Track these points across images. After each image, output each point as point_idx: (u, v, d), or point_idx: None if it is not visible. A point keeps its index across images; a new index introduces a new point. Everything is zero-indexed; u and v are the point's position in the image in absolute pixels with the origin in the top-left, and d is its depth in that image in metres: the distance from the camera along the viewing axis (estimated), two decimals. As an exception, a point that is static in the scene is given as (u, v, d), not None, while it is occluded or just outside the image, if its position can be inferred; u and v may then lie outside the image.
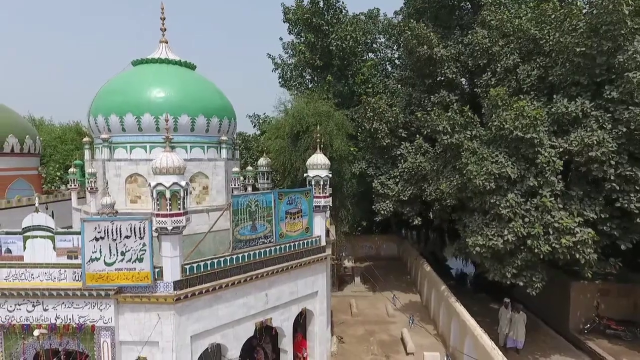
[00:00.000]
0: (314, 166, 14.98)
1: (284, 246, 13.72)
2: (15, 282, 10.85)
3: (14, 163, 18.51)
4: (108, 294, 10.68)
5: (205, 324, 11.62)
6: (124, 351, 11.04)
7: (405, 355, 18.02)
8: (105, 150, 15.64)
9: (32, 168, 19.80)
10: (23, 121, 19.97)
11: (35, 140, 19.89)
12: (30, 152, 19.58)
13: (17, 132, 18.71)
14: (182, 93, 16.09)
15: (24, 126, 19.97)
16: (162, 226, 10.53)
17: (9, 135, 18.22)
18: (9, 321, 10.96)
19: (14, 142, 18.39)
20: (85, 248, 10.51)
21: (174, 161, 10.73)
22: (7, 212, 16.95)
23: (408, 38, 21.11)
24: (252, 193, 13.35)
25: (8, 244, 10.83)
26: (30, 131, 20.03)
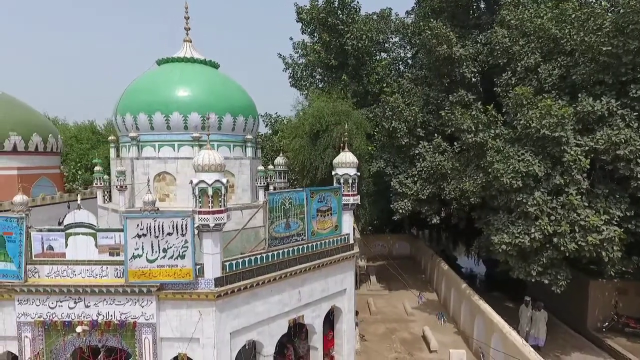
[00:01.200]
0: (342, 164, 15.06)
1: (316, 244, 13.80)
2: (57, 278, 10.89)
3: (38, 162, 18.55)
4: (150, 290, 10.74)
5: (243, 321, 11.69)
6: (164, 347, 11.10)
7: (428, 353, 18.12)
8: (133, 148, 15.70)
9: (55, 167, 19.86)
10: (46, 120, 20.04)
11: (57, 139, 19.95)
12: (53, 151, 19.64)
13: (41, 131, 18.77)
14: (209, 92, 16.17)
15: (47, 125, 20.04)
16: (205, 223, 10.60)
17: (34, 134, 18.26)
18: (50, 318, 11.01)
19: (38, 140, 18.44)
20: (127, 245, 10.58)
21: (215, 159, 10.80)
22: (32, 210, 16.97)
23: (428, 37, 21.19)
24: (287, 191, 13.40)
25: (50, 241, 10.87)
26: (53, 130, 20.09)
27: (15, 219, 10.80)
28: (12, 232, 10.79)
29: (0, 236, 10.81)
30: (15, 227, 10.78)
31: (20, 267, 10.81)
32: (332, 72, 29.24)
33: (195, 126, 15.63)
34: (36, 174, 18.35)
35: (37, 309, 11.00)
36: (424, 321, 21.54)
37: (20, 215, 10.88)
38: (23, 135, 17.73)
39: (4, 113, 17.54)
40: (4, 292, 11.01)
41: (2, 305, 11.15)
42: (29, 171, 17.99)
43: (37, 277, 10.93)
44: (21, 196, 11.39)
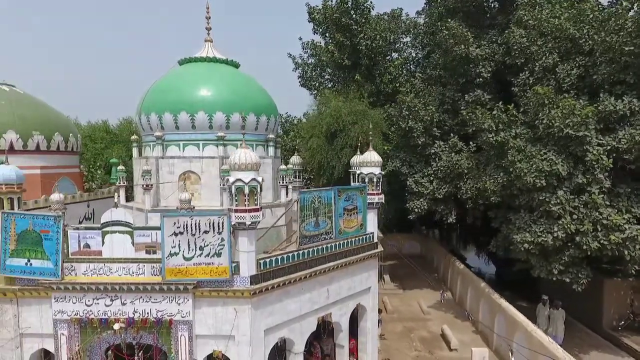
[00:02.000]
0: (367, 163, 15.16)
1: (343, 242, 13.91)
2: (93, 276, 10.99)
3: (59, 161, 18.61)
4: (187, 288, 10.83)
5: (276, 318, 11.79)
6: (199, 345, 11.19)
7: (448, 352, 18.23)
8: (158, 147, 15.75)
9: (75, 166, 19.91)
10: (66, 119, 20.09)
11: (77, 139, 20.02)
12: (73, 150, 19.69)
13: (62, 131, 18.82)
14: (233, 91, 16.23)
15: (68, 124, 20.11)
16: (241, 221, 10.70)
17: (56, 133, 18.31)
18: (87, 315, 11.09)
19: (60, 140, 18.49)
20: (164, 243, 10.67)
21: (252, 157, 10.90)
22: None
23: (445, 37, 21.29)
24: (316, 189, 13.49)
25: (87, 239, 10.96)
26: (73, 129, 20.15)
27: (52, 217, 10.89)
28: (49, 230, 10.88)
29: (38, 234, 10.90)
30: (53, 226, 10.87)
31: (57, 265, 10.90)
32: (345, 72, 29.35)
33: (220, 125, 15.69)
34: (58, 173, 18.39)
35: (74, 306, 11.09)
36: (440, 320, 21.66)
37: (57, 214, 10.98)
38: (45, 135, 17.80)
39: (28, 112, 17.60)
40: (40, 290, 11.10)
41: (38, 303, 11.24)
42: (51, 170, 18.04)
43: (74, 275, 11.02)
44: (58, 194, 11.48)
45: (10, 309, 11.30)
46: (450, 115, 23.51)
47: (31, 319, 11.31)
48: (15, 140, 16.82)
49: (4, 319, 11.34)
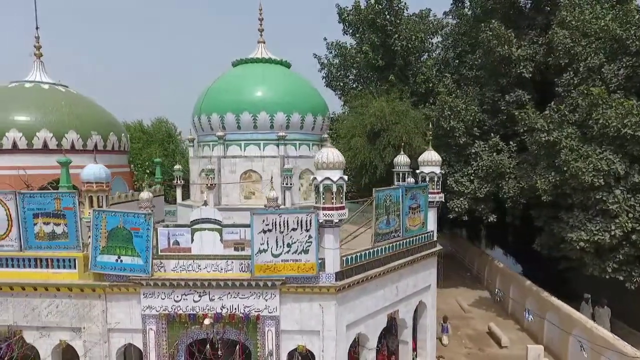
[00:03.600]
0: (428, 163, 15.41)
1: (409, 240, 14.14)
2: (182, 272, 11.25)
3: (113, 160, 18.90)
4: (275, 284, 11.09)
5: (356, 314, 12.05)
6: (284, 340, 11.44)
7: (498, 349, 18.41)
8: (219, 147, 16.04)
9: (126, 165, 20.21)
10: (116, 119, 20.38)
11: (127, 139, 20.32)
12: (124, 150, 20.01)
13: (116, 131, 19.14)
14: (292, 92, 16.54)
15: (118, 124, 20.41)
16: (329, 219, 10.94)
17: (110, 133, 18.63)
18: (175, 311, 11.36)
19: (114, 140, 18.80)
20: (254, 240, 10.92)
21: (338, 156, 11.15)
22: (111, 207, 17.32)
23: (488, 38, 21.50)
24: (388, 188, 13.72)
25: (176, 236, 11.22)
26: (123, 129, 20.47)
27: (143, 215, 11.16)
28: (140, 227, 11.14)
29: (128, 231, 11.16)
30: (143, 223, 11.13)
31: (147, 262, 11.16)
32: (377, 73, 29.52)
33: (281, 125, 15.96)
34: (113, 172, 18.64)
35: (162, 302, 11.36)
36: (482, 318, 21.86)
37: (147, 212, 11.24)
38: (102, 135, 18.10)
39: (85, 113, 17.91)
40: (129, 286, 11.37)
41: (126, 299, 11.52)
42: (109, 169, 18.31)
43: (163, 271, 11.29)
44: (147, 193, 11.74)
45: (98, 305, 11.58)
46: (489, 115, 23.72)
47: (119, 314, 11.58)
48: (76, 140, 17.14)
49: (93, 314, 11.62)
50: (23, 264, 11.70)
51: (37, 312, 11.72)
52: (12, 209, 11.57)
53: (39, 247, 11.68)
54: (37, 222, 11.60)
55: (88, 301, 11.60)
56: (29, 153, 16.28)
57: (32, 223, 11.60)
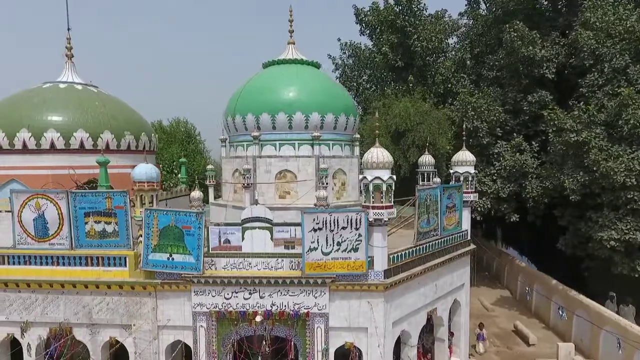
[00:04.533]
0: (463, 162, 15.58)
1: (447, 239, 14.33)
2: (233, 270, 11.44)
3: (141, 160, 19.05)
4: (325, 282, 11.27)
5: (401, 312, 12.25)
6: (331, 337, 11.62)
7: (526, 347, 18.58)
8: (254, 147, 16.18)
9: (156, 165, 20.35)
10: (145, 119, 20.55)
11: (156, 139, 20.50)
12: (154, 150, 20.19)
13: (147, 130, 19.32)
14: (326, 92, 16.69)
15: (148, 125, 20.60)
16: (379, 217, 11.13)
17: (142, 133, 18.80)
18: (225, 308, 11.54)
19: (146, 140, 18.98)
20: (304, 238, 11.10)
21: (387, 156, 11.34)
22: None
23: (513, 38, 21.69)
24: (429, 187, 13.92)
25: (227, 234, 11.42)
26: (151, 129, 20.66)
27: (194, 214, 11.35)
28: (191, 226, 11.33)
29: (180, 230, 11.35)
30: (195, 222, 11.32)
31: (198, 260, 11.35)
32: (396, 73, 29.73)
33: (315, 126, 16.11)
34: (144, 172, 18.85)
35: (213, 299, 11.55)
36: (506, 316, 22.05)
37: (199, 210, 11.43)
38: (135, 135, 18.27)
39: (118, 113, 18.08)
40: (180, 284, 11.55)
41: (176, 296, 11.71)
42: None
43: (214, 269, 11.48)
44: (198, 192, 11.92)
45: (149, 302, 11.77)
46: (511, 115, 23.91)
47: (169, 312, 11.77)
48: (111, 140, 17.30)
49: (143, 311, 11.81)
50: (74, 262, 11.90)
51: (88, 309, 11.91)
52: (64, 207, 11.77)
53: (90, 246, 11.88)
54: (88, 220, 11.80)
55: (138, 299, 11.79)
56: (66, 153, 16.45)
57: (83, 222, 11.81)
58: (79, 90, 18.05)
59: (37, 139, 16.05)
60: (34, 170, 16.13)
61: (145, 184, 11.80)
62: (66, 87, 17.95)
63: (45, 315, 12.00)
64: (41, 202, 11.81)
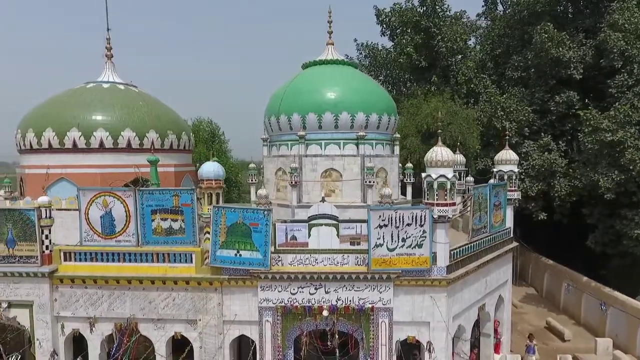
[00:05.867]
0: (507, 161, 15.88)
1: (494, 236, 14.63)
2: (299, 266, 11.70)
3: (183, 159, 19.34)
4: (390, 277, 11.55)
5: (459, 306, 12.55)
6: (394, 331, 11.89)
7: (561, 343, 18.90)
8: (300, 146, 16.47)
9: (191, 164, 20.63)
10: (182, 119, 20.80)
11: (193, 139, 20.75)
12: (191, 149, 20.44)
13: (187, 130, 19.59)
14: (369, 92, 17.04)
15: (186, 124, 20.85)
16: (443, 214, 11.42)
17: (183, 133, 19.07)
18: (291, 303, 11.80)
19: (186, 139, 19.24)
20: (371, 235, 11.38)
21: (450, 154, 11.64)
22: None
23: (543, 39, 22.04)
24: (481, 185, 14.21)
25: (294, 231, 11.68)
26: (189, 129, 20.91)
27: (262, 211, 11.61)
28: (259, 223, 11.58)
29: (247, 227, 11.60)
30: (262, 219, 11.57)
31: (265, 256, 11.60)
32: (418, 74, 30.03)
33: (360, 125, 16.42)
34: (183, 171, 19.12)
35: (279, 295, 11.81)
36: (535, 313, 22.39)
37: (266, 208, 11.69)
38: (177, 134, 18.52)
39: (160, 112, 18.33)
40: (246, 279, 11.81)
41: (242, 292, 11.96)
42: (181, 168, 18.78)
43: (281, 265, 11.74)
44: (264, 190, 12.18)
45: (215, 298, 12.02)
46: (538, 115, 24.26)
47: (234, 307, 12.01)
48: (156, 139, 17.54)
49: (209, 306, 12.05)
50: (140, 259, 12.12)
51: (154, 305, 12.14)
52: (131, 205, 12.01)
53: (156, 242, 12.12)
54: (155, 218, 12.04)
55: (204, 294, 12.03)
56: (114, 152, 16.70)
57: (150, 219, 12.04)
58: (122, 90, 18.30)
59: (86, 138, 16.30)
60: (82, 168, 16.41)
61: (213, 182, 12.03)
62: (109, 87, 18.19)
63: (111, 311, 12.22)
64: (108, 199, 12.05)
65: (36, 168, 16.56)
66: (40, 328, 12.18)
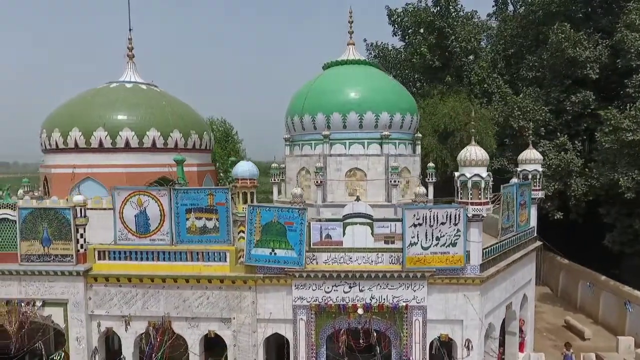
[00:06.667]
0: (531, 161, 15.99)
1: (521, 235, 14.73)
2: (333, 265, 11.79)
3: (203, 159, 19.41)
4: (424, 275, 11.64)
5: (491, 304, 12.67)
6: (427, 329, 11.99)
7: (581, 341, 18.98)
8: (324, 146, 16.53)
9: (212, 164, 20.72)
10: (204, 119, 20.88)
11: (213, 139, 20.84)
12: (211, 149, 20.52)
13: (207, 130, 19.66)
14: (393, 92, 17.12)
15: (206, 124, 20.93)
16: (478, 213, 11.52)
17: (204, 132, 19.13)
18: (325, 301, 11.90)
19: (207, 139, 19.31)
20: (405, 233, 11.47)
21: (484, 154, 11.74)
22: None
23: (560, 39, 22.13)
24: (509, 184, 14.29)
25: (328, 230, 11.77)
26: (209, 128, 20.99)
27: (296, 210, 11.69)
28: (294, 222, 11.68)
29: (282, 226, 11.70)
30: (297, 218, 11.66)
31: (300, 255, 11.69)
32: (432, 74, 30.11)
33: (385, 125, 16.49)
34: (204, 170, 19.19)
35: (313, 293, 11.91)
36: (552, 313, 22.49)
37: (301, 207, 11.77)
38: (199, 134, 18.60)
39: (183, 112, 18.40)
40: (281, 278, 11.89)
41: (276, 290, 12.05)
42: (203, 168, 18.86)
43: (315, 263, 11.84)
44: (299, 189, 12.27)
45: (249, 296, 12.10)
46: (553, 115, 24.36)
47: (268, 305, 12.10)
48: (179, 138, 17.61)
49: (243, 305, 12.14)
50: (175, 257, 12.21)
51: (188, 303, 12.23)
52: (166, 204, 12.10)
53: (190, 241, 12.21)
54: (189, 216, 12.13)
55: (238, 292, 12.11)
56: (139, 151, 16.75)
57: (184, 218, 12.13)
58: (144, 90, 18.38)
59: (112, 138, 16.36)
60: (108, 168, 16.46)
61: (248, 181, 12.10)
62: (132, 87, 18.26)
63: (145, 310, 12.31)
64: (143, 198, 12.13)
65: (62, 167, 16.62)
66: (75, 326, 12.26)
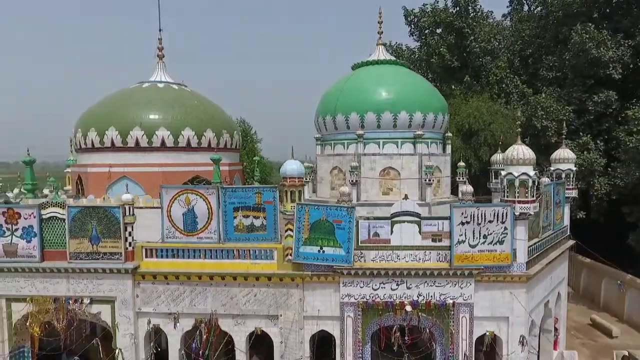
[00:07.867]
0: (564, 160, 16.11)
1: (557, 233, 14.86)
2: (381, 262, 11.91)
3: (233, 158, 19.52)
4: (472, 273, 11.77)
5: (534, 302, 12.77)
6: (474, 326, 12.11)
7: (609, 339, 19.15)
8: (358, 145, 16.66)
9: (240, 163, 20.82)
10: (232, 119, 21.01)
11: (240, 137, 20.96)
12: (239, 148, 20.64)
13: (237, 129, 19.78)
14: (425, 92, 17.25)
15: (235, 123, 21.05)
16: (525, 211, 11.64)
17: (234, 132, 19.25)
18: (373, 299, 12.02)
19: (237, 138, 19.43)
20: (453, 232, 11.60)
21: (531, 153, 11.88)
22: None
23: (584, 40, 22.28)
24: (548, 184, 14.42)
25: (376, 228, 11.89)
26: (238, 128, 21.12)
27: (345, 208, 11.81)
28: (342, 220, 11.79)
29: (330, 224, 11.81)
30: (345, 216, 11.78)
31: (348, 252, 11.81)
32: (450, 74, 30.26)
33: (418, 124, 16.62)
34: (234, 170, 19.31)
35: (361, 290, 12.03)
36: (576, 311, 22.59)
37: (350, 205, 11.89)
38: (230, 133, 18.72)
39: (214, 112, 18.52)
40: (329, 275, 12.01)
41: (323, 288, 12.16)
42: (233, 167, 18.97)
43: (363, 261, 11.95)
44: (348, 186, 12.38)
45: (296, 293, 12.22)
46: (575, 114, 24.51)
47: (315, 302, 12.22)
48: (212, 138, 17.72)
49: (290, 302, 12.26)
50: (222, 255, 12.33)
51: (235, 300, 12.34)
52: (214, 202, 12.22)
53: (238, 239, 12.32)
54: (237, 215, 12.25)
55: (286, 290, 12.23)
56: (174, 150, 16.87)
57: (232, 216, 12.25)
58: (176, 90, 18.50)
59: (149, 137, 16.48)
60: (144, 167, 16.57)
61: (296, 180, 12.22)
62: (164, 86, 18.39)
63: (192, 307, 12.42)
64: (191, 197, 12.26)
65: (98, 167, 16.74)
66: (123, 324, 12.38)
